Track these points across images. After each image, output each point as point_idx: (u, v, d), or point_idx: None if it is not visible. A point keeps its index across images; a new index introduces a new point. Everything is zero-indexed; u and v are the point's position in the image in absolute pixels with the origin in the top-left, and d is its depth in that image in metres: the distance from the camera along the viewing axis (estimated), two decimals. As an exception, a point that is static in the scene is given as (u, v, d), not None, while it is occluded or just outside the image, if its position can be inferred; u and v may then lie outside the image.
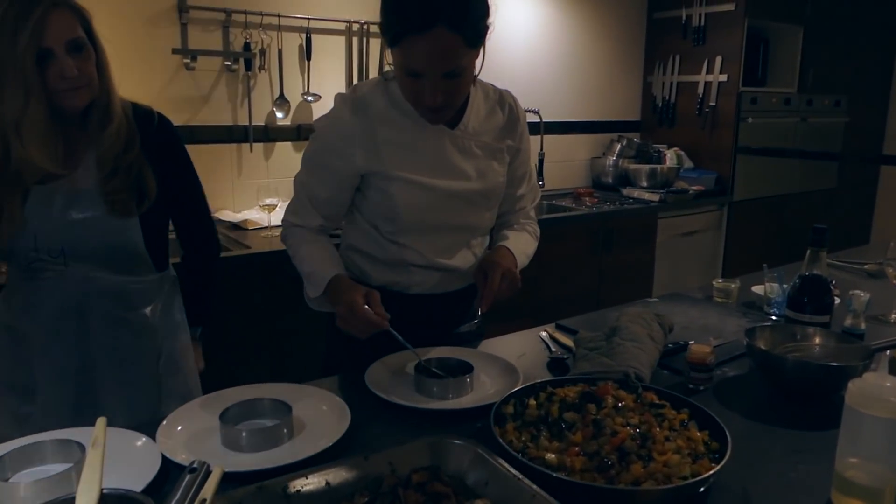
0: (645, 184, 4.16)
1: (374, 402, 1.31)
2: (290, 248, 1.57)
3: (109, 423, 1.17)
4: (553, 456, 1.04)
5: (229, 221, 2.96)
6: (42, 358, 1.48)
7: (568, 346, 1.61)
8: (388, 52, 1.37)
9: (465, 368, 1.37)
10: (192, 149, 1.63)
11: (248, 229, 2.89)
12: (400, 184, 1.46)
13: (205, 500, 0.79)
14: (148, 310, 1.55)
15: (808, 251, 1.53)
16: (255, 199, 3.05)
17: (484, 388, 1.37)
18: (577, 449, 1.06)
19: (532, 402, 1.20)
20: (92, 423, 1.15)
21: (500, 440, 1.08)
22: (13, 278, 1.50)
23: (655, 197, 3.94)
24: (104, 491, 0.87)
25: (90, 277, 1.46)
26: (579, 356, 1.47)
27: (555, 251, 3.47)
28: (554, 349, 1.60)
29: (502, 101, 1.58)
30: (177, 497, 0.83)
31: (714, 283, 2.04)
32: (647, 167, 4.19)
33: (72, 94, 1.35)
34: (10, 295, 1.51)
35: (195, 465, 0.87)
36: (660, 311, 1.86)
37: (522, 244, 1.63)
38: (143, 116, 1.50)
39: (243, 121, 3.08)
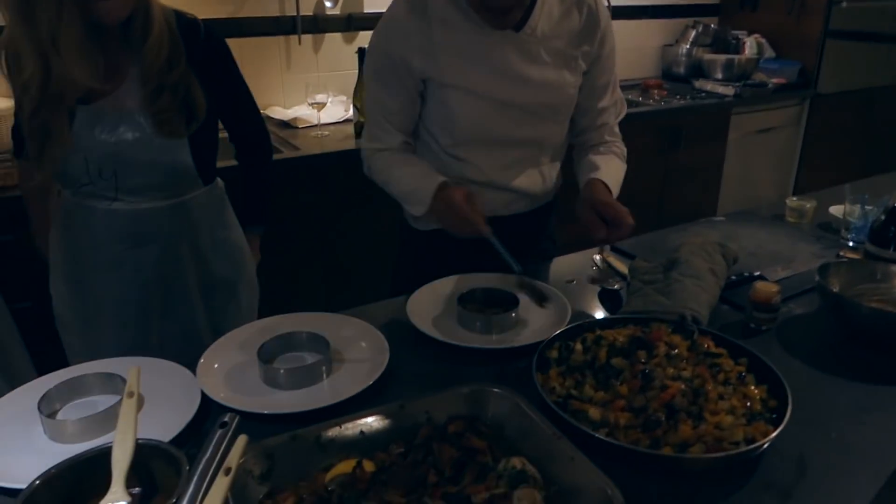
0: (720, 76, 3.89)
1: (416, 336, 1.29)
2: (378, 174, 1.48)
3: (163, 352, 1.21)
4: (596, 411, 1.00)
5: (279, 119, 2.90)
6: (99, 287, 1.49)
7: (622, 273, 1.54)
8: None
9: (510, 302, 1.32)
10: (237, 42, 1.57)
11: (297, 128, 2.83)
12: (457, 93, 1.37)
13: (230, 468, 0.78)
14: (197, 231, 1.54)
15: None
16: (304, 95, 2.96)
17: (532, 323, 1.32)
18: (622, 402, 1.02)
19: (578, 346, 1.15)
20: (147, 353, 1.18)
21: (541, 390, 1.04)
22: (69, 205, 1.49)
23: (730, 91, 3.68)
24: (139, 441, 0.88)
25: (142, 207, 1.45)
26: (633, 290, 1.40)
27: (617, 150, 3.31)
28: (607, 276, 1.53)
29: (580, 0, 1.42)
30: (207, 455, 0.82)
31: (787, 201, 1.90)
32: (723, 57, 3.90)
33: (102, 5, 1.27)
34: (67, 220, 1.51)
35: (226, 420, 0.87)
36: (726, 232, 1.77)
37: (615, 172, 1.51)
38: (188, 27, 1.42)
39: (291, 11, 2.94)
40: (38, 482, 0.82)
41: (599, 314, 1.40)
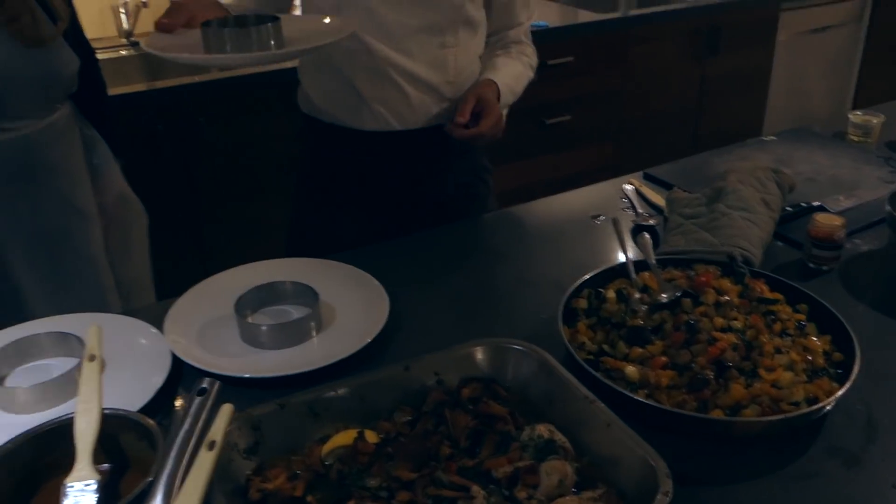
0: (767, -37, 3.79)
1: (418, 282, 1.29)
2: None
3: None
4: (633, 369, 1.01)
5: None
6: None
7: (658, 205, 1.53)
8: None
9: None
10: None
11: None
12: None
13: (214, 441, 0.78)
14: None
15: None
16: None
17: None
18: (664, 359, 1.03)
19: (611, 293, 1.15)
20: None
21: (569, 345, 1.04)
22: None
23: (780, -18, 3.61)
24: (105, 411, 0.88)
25: (36, 129, 1.40)
26: (672, 225, 1.40)
27: (643, 56, 3.26)
28: (640, 210, 1.53)
29: None
30: (185, 426, 0.83)
31: (850, 116, 1.89)
32: (772, -59, 3.80)
33: None
34: None
35: (205, 386, 0.87)
36: (778, 154, 1.76)
37: (512, 77, 1.56)
38: None
39: None
40: (-8, 459, 0.83)
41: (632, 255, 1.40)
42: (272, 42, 1.21)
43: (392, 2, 1.42)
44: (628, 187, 1.62)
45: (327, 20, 1.38)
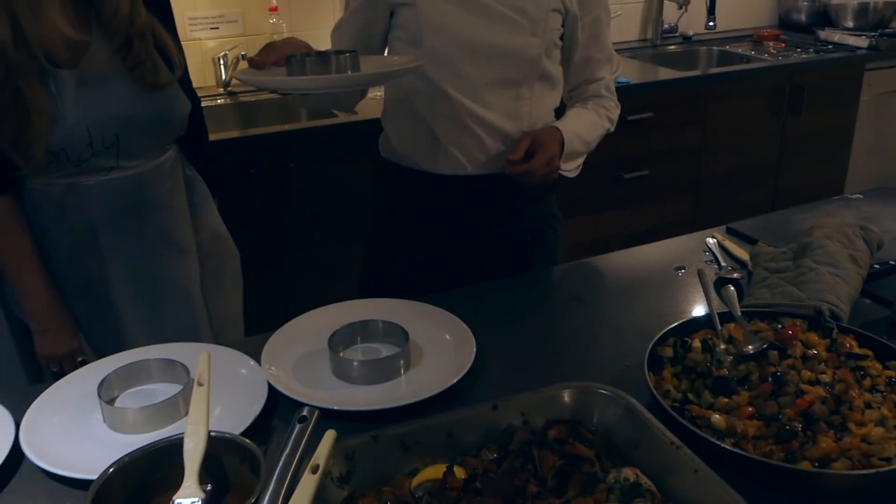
0: (851, 24, 3.79)
1: (502, 325, 1.32)
2: None
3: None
4: (720, 417, 1.02)
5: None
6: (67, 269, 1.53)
7: (741, 259, 1.54)
8: None
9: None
10: None
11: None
12: None
13: (318, 465, 0.82)
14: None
15: None
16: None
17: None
18: (751, 409, 1.03)
19: (696, 343, 1.16)
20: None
21: (655, 392, 1.06)
22: (44, 197, 1.46)
23: (864, 42, 3.59)
24: (211, 433, 0.93)
25: (146, 169, 1.51)
26: (757, 278, 1.40)
27: (723, 113, 3.27)
28: (724, 263, 1.53)
29: None
30: (287, 451, 0.87)
31: (940, 176, 1.86)
32: (855, 1, 3.81)
33: None
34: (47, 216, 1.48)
35: (305, 414, 0.91)
36: (865, 212, 1.75)
37: (583, 126, 1.59)
38: None
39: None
40: (111, 470, 0.88)
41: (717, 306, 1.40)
42: (349, 68, 1.28)
43: (472, 56, 1.49)
44: (711, 241, 1.63)
45: (397, 57, 1.49)
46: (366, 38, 1.57)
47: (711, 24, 3.67)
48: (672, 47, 3.70)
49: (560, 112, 1.65)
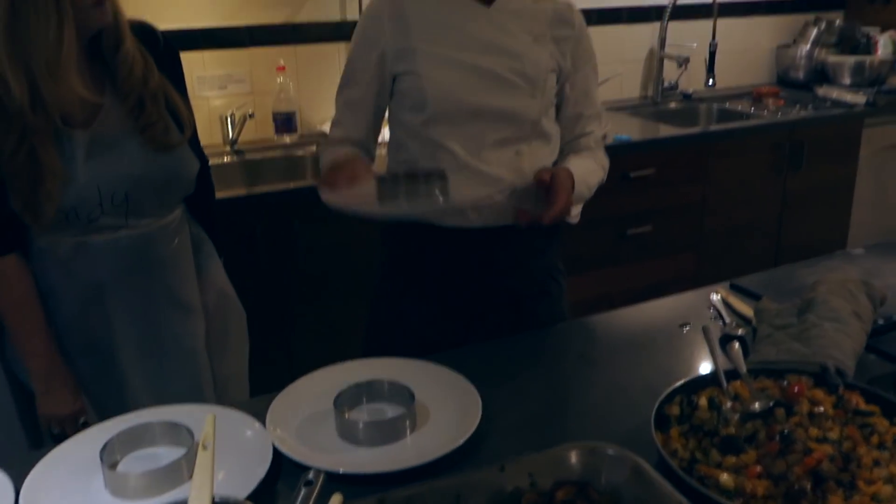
0: (848, 81, 3.85)
1: (507, 383, 1.32)
2: (321, 162, 1.66)
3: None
4: (728, 477, 1.01)
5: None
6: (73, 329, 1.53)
7: (746, 315, 1.54)
8: None
9: None
10: (294, 50, 1.64)
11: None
12: (427, 59, 1.53)
13: (324, 529, 0.82)
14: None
15: None
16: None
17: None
18: (758, 468, 1.02)
19: (703, 401, 1.16)
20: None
21: (663, 451, 1.05)
22: (52, 257, 1.47)
23: (861, 98, 3.63)
24: (216, 500, 0.93)
25: (153, 228, 1.53)
26: (762, 335, 1.40)
27: (725, 169, 3.29)
28: (728, 319, 1.53)
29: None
30: (293, 515, 0.87)
31: (942, 231, 1.87)
32: (851, 59, 3.86)
33: (97, 10, 1.35)
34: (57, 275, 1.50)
35: (311, 478, 0.91)
36: (867, 267, 1.75)
37: (585, 171, 1.62)
38: (147, 34, 1.50)
39: (353, 15, 3.06)
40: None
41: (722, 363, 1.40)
42: (440, 194, 1.37)
43: (475, 118, 1.54)
44: (715, 297, 1.63)
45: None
46: (378, 109, 1.63)
47: (711, 82, 3.73)
48: (673, 105, 3.76)
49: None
